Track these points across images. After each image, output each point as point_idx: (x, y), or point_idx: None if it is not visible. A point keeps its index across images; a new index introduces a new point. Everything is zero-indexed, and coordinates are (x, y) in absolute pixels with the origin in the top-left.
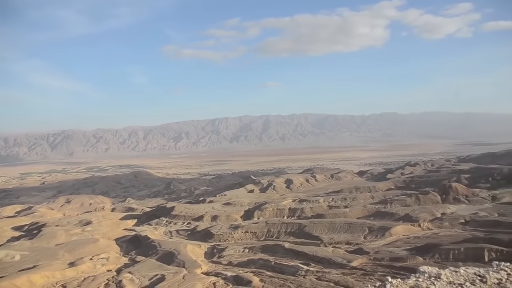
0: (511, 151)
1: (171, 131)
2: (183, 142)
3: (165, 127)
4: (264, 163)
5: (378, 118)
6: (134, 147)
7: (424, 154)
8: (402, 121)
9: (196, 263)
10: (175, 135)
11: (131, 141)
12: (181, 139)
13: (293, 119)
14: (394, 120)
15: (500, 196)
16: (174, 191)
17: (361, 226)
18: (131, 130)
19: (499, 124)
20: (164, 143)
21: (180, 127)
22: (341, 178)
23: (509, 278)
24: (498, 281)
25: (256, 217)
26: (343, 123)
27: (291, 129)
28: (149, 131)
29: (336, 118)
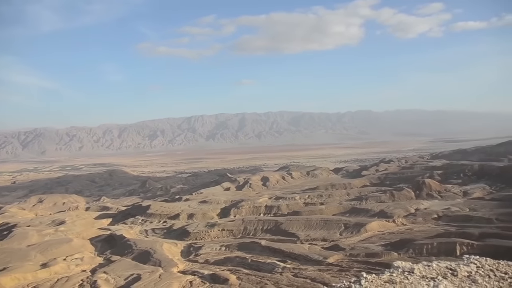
0: (481, 147)
1: (146, 129)
2: (159, 140)
3: (141, 125)
4: (240, 161)
5: (353, 116)
6: (109, 145)
7: (398, 151)
8: (376, 119)
9: (173, 262)
10: (151, 133)
11: (106, 139)
12: (156, 137)
13: (269, 117)
14: (368, 117)
15: (471, 192)
16: (149, 190)
17: (337, 223)
18: (106, 128)
19: (470, 121)
20: (139, 141)
21: (156, 125)
22: (317, 175)
23: (478, 271)
24: (468, 274)
25: (233, 214)
26: (319, 120)
27: (267, 127)
28: (124, 129)
29: (312, 116)
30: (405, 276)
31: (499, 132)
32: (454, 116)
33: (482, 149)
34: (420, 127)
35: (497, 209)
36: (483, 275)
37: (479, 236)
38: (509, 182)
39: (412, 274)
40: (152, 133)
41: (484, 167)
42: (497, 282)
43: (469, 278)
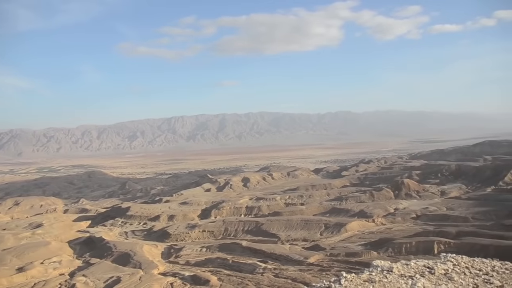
0: (458, 148)
1: (126, 130)
2: (139, 141)
3: (120, 126)
4: (220, 162)
5: (333, 116)
6: (88, 146)
7: (377, 152)
8: (356, 120)
9: (153, 264)
10: (130, 134)
11: (84, 141)
12: (136, 138)
13: (249, 118)
14: (348, 118)
15: (448, 191)
16: (129, 191)
17: (317, 223)
18: (84, 129)
19: (447, 122)
20: (118, 142)
21: (135, 126)
22: (297, 176)
23: (454, 268)
24: (444, 271)
25: (213, 216)
26: (299, 121)
27: (248, 128)
28: (103, 130)
29: (292, 116)
30: (384, 275)
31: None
32: (432, 117)
33: (459, 149)
34: (399, 127)
35: (473, 208)
36: (459, 272)
37: (456, 234)
38: (485, 181)
39: (391, 273)
40: (131, 134)
41: (460, 167)
42: (472, 279)
43: (445, 275)
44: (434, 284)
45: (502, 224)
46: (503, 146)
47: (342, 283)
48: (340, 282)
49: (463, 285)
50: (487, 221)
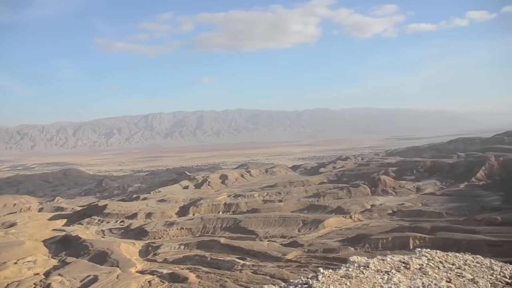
0: (433, 145)
1: (102, 127)
2: (115, 138)
3: (96, 123)
4: (198, 159)
5: (311, 113)
6: (63, 143)
7: (354, 149)
8: (334, 117)
9: (131, 262)
10: (107, 131)
11: (60, 138)
12: (113, 135)
13: (227, 115)
14: (326, 115)
15: (423, 187)
16: (106, 189)
17: (295, 220)
18: (60, 126)
19: (422, 119)
20: (95, 139)
21: (112, 122)
22: (275, 172)
23: (429, 263)
24: (419, 266)
25: (191, 213)
26: (277, 118)
27: (226, 125)
28: (79, 127)
29: (270, 113)
30: (361, 270)
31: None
32: (408, 115)
33: (434, 146)
34: (376, 125)
35: (447, 203)
36: (433, 266)
37: (431, 229)
38: (458, 177)
39: (367, 268)
40: (108, 131)
41: (435, 164)
42: (445, 273)
43: (420, 270)
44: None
45: (474, 219)
46: (476, 143)
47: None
48: (318, 278)
49: (437, 279)
50: (460, 216)
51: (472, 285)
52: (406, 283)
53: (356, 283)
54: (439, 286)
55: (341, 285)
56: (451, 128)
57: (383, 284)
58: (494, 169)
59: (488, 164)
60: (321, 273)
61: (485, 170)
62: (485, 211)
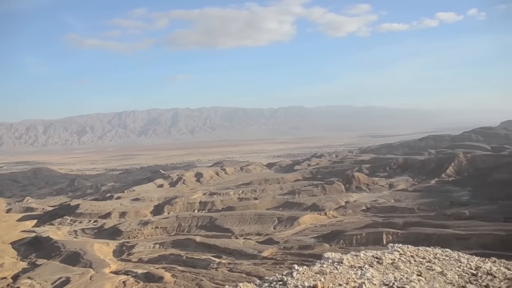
0: (405, 142)
1: (74, 124)
2: (88, 136)
3: (68, 120)
4: (173, 157)
5: (286, 111)
6: (33, 142)
7: (329, 146)
8: (308, 114)
9: (104, 262)
10: (79, 129)
11: (29, 136)
12: (85, 133)
13: (202, 112)
14: (301, 113)
15: (396, 184)
16: (78, 188)
17: (271, 217)
18: (29, 124)
19: (395, 117)
20: (66, 137)
21: (84, 120)
22: (251, 170)
23: (401, 258)
24: (392, 261)
25: (166, 211)
26: (252, 116)
27: (201, 123)
28: (49, 124)
29: (245, 111)
30: (335, 266)
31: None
32: (381, 112)
33: (406, 144)
34: (350, 122)
35: (418, 199)
36: (405, 261)
37: (403, 225)
38: (429, 174)
39: (341, 264)
40: (80, 129)
41: (407, 161)
42: (416, 267)
43: (392, 265)
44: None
45: (444, 214)
46: (446, 140)
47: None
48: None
49: (408, 273)
50: (431, 212)
51: (441, 277)
52: (379, 278)
53: (330, 279)
54: (410, 279)
55: (316, 281)
56: (422, 125)
57: (356, 279)
58: (463, 165)
59: (457, 160)
60: (296, 269)
61: (454, 166)
62: (454, 206)
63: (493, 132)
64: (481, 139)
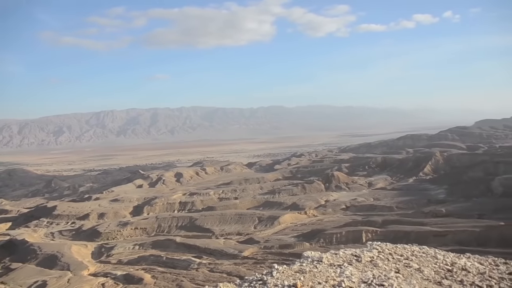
0: (383, 141)
1: (51, 124)
2: (65, 136)
3: (44, 120)
4: (153, 157)
5: (266, 111)
6: (7, 142)
7: (309, 146)
8: (288, 114)
9: (83, 265)
10: (56, 129)
11: (3, 136)
12: (62, 133)
13: (182, 112)
14: (281, 113)
15: (375, 182)
16: (55, 189)
17: (251, 217)
18: (3, 123)
19: (373, 117)
20: (43, 137)
21: (62, 120)
22: (231, 170)
23: (379, 255)
24: (370, 259)
25: (146, 212)
26: (232, 116)
27: (180, 122)
28: (24, 124)
29: (225, 111)
30: (314, 265)
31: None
32: (360, 112)
33: (385, 143)
34: (329, 122)
35: (397, 197)
36: (383, 258)
37: (382, 223)
38: (407, 172)
39: (321, 262)
40: (57, 129)
41: (386, 160)
42: (394, 264)
43: (371, 262)
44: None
45: (422, 212)
46: (423, 139)
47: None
48: (272, 274)
49: (387, 270)
50: (409, 210)
51: (418, 274)
52: (358, 276)
53: (310, 277)
54: (388, 277)
55: (295, 280)
56: (400, 125)
57: (335, 277)
58: (440, 164)
59: (434, 159)
60: (276, 269)
61: (431, 165)
62: (432, 204)
63: (468, 131)
64: (457, 138)
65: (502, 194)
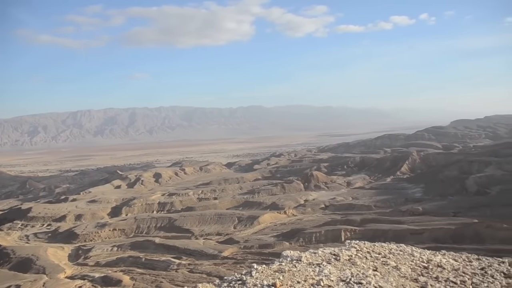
0: (361, 141)
1: (25, 124)
2: (40, 136)
3: (18, 120)
4: (131, 157)
5: (245, 111)
6: None
7: (288, 145)
8: (267, 114)
9: (59, 268)
10: (31, 129)
11: None
12: (37, 134)
13: (160, 112)
14: (260, 113)
15: (353, 182)
16: (30, 191)
17: (231, 217)
18: None
19: (351, 116)
20: (17, 138)
21: (37, 120)
22: (210, 170)
23: (358, 254)
24: (349, 257)
25: (124, 213)
26: (211, 116)
27: (159, 122)
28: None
29: (204, 111)
30: (294, 264)
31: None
32: (338, 112)
33: (363, 143)
34: (308, 122)
35: (375, 196)
36: (361, 257)
37: (361, 222)
38: (385, 172)
39: (300, 262)
40: (32, 129)
41: (364, 159)
42: (372, 262)
43: (349, 261)
44: (339, 270)
45: (399, 210)
46: (400, 139)
47: (253, 275)
48: (251, 274)
49: (365, 268)
50: (387, 208)
51: (396, 271)
52: (336, 274)
53: (289, 276)
54: (366, 275)
55: (274, 279)
56: (378, 125)
57: (314, 276)
58: (416, 163)
59: (411, 158)
60: (255, 269)
61: (408, 164)
62: (409, 203)
63: (444, 131)
64: (433, 138)
65: (476, 192)
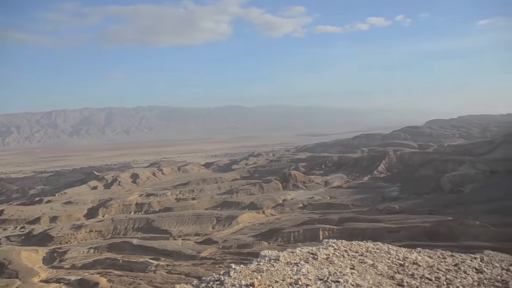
0: (339, 141)
1: None
2: (13, 137)
3: None
4: (107, 158)
5: (223, 111)
6: None
7: (266, 145)
8: (246, 114)
9: (33, 271)
10: (3, 129)
11: None
12: (10, 134)
13: (138, 112)
14: (238, 113)
15: (331, 181)
16: (3, 192)
17: (209, 217)
18: None
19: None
20: None
21: (9, 120)
22: (188, 170)
23: (335, 252)
24: (326, 256)
25: (101, 214)
26: (189, 115)
27: (136, 122)
28: None
29: (182, 110)
30: (272, 264)
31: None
32: (316, 112)
33: (340, 142)
34: (286, 122)
35: (352, 195)
36: (339, 255)
37: (339, 221)
38: (362, 171)
39: (278, 261)
40: (5, 129)
41: (342, 159)
42: (349, 261)
43: (327, 260)
44: (317, 269)
45: (377, 209)
46: (377, 139)
47: (231, 275)
48: (230, 274)
49: (342, 267)
50: (365, 207)
51: (373, 269)
52: (314, 273)
53: (267, 276)
54: (343, 273)
55: (252, 279)
56: (355, 125)
57: (292, 275)
58: (393, 162)
59: (388, 158)
60: (233, 269)
61: (385, 163)
62: (386, 201)
63: (419, 131)
64: (409, 137)
65: (450, 191)
